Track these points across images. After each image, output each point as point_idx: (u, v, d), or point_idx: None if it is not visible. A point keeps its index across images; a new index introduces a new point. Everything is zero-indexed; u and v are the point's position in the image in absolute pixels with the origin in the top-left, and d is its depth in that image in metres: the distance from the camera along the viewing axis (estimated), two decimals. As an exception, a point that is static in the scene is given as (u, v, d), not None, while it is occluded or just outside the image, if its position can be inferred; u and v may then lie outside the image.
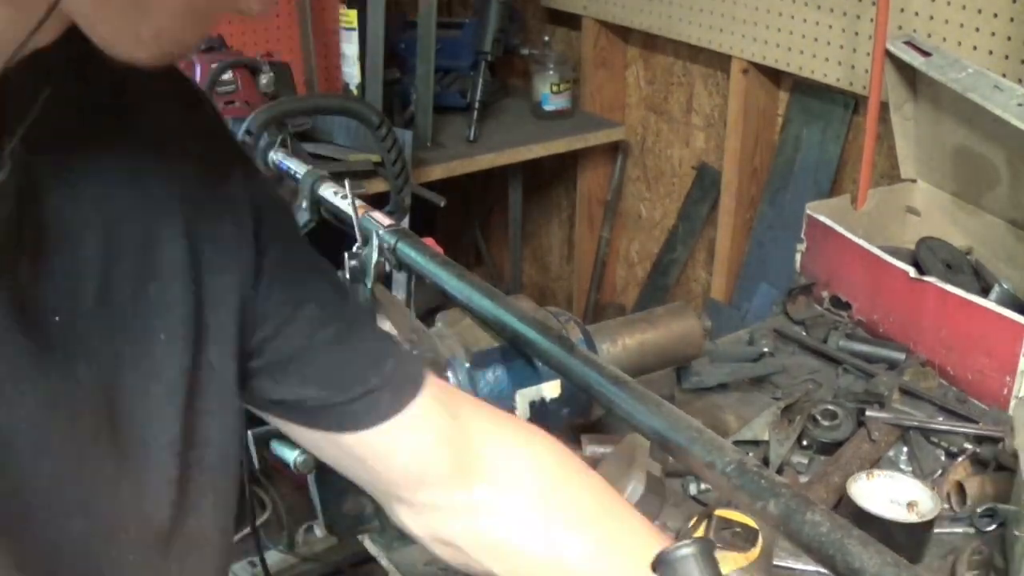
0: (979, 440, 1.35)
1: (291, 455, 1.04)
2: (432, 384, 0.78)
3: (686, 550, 0.72)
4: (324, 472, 1.10)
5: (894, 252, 1.63)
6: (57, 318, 0.57)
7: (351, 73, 2.78)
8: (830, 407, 1.42)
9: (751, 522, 0.98)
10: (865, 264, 1.64)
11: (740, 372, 1.55)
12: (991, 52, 1.84)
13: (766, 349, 1.63)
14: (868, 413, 1.40)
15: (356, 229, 1.03)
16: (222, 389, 0.67)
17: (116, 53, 0.51)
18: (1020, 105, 1.48)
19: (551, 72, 2.96)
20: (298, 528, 2.85)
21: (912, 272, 1.55)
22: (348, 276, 1.02)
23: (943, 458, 1.36)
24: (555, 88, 2.97)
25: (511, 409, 1.12)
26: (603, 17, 2.90)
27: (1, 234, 0.54)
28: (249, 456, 1.10)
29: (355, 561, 2.72)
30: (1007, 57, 1.82)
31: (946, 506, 1.27)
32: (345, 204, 1.49)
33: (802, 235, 1.77)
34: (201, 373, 0.65)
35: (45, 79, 0.54)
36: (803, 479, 1.32)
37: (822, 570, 0.86)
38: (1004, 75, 1.71)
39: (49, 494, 0.57)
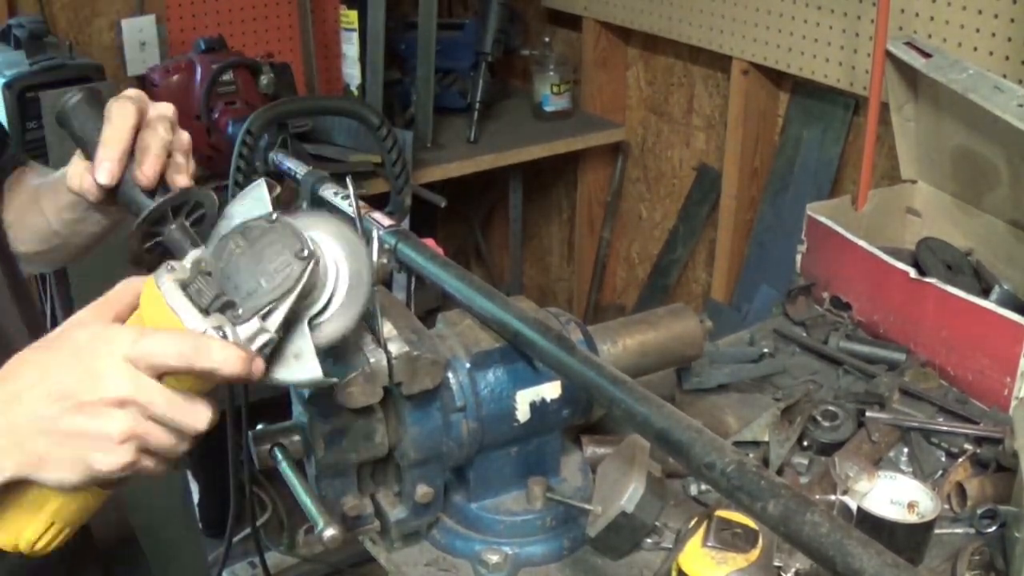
0: (979, 441, 1.35)
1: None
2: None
3: (74, 97, 0.96)
4: (322, 475, 1.10)
5: (894, 253, 1.63)
6: None
7: (351, 74, 2.79)
8: (830, 408, 1.42)
9: (751, 523, 0.98)
10: (865, 265, 1.64)
11: (740, 373, 1.54)
12: (991, 53, 1.84)
13: (766, 350, 1.63)
14: (868, 414, 1.40)
15: (359, 230, 1.03)
16: None
17: None
18: (1020, 106, 1.48)
19: (551, 73, 2.96)
20: (298, 529, 2.85)
21: (912, 273, 1.55)
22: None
23: (943, 459, 1.36)
24: (555, 89, 2.97)
25: (511, 409, 1.12)
26: (604, 18, 2.90)
27: None
28: (249, 456, 1.10)
29: (355, 561, 2.72)
30: (1007, 58, 1.82)
31: (946, 507, 1.27)
32: (346, 205, 1.49)
33: (802, 236, 1.77)
34: None
35: None
36: (803, 480, 1.32)
37: None
38: (1004, 76, 1.71)
39: None
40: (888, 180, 2.07)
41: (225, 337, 0.78)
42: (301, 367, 0.83)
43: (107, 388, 0.75)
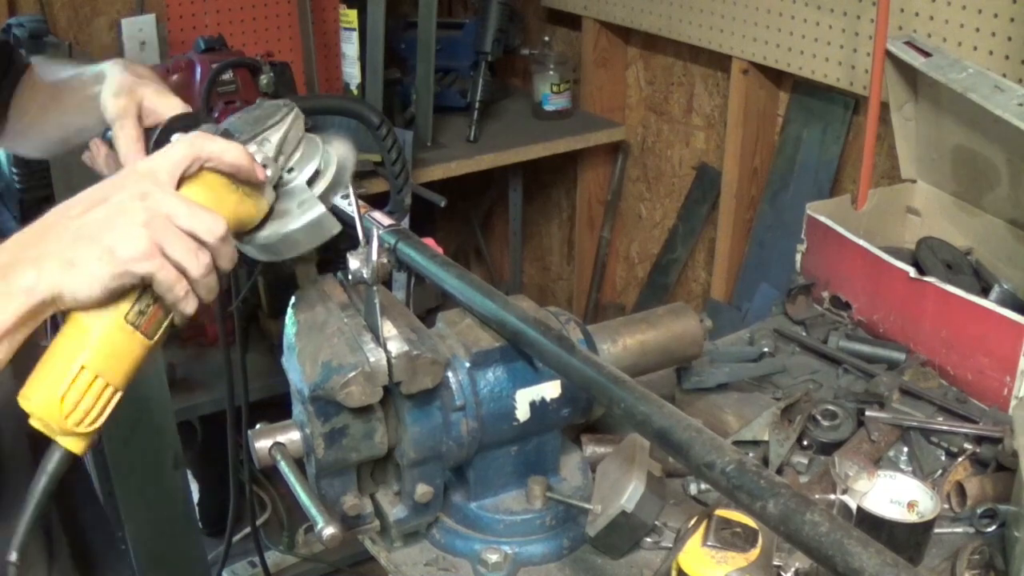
0: (979, 440, 1.35)
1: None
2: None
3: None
4: (322, 474, 1.10)
5: (894, 252, 1.63)
6: None
7: (351, 73, 2.79)
8: (830, 407, 1.42)
9: (751, 522, 0.98)
10: (865, 264, 1.64)
11: (740, 372, 1.55)
12: (991, 52, 1.84)
13: (766, 349, 1.63)
14: (868, 413, 1.40)
15: (359, 229, 1.03)
16: None
17: None
18: (1020, 105, 1.48)
19: (551, 72, 2.96)
20: (298, 528, 2.86)
21: (912, 272, 1.55)
22: (350, 277, 1.02)
23: (943, 458, 1.36)
24: (555, 88, 2.97)
25: (511, 408, 1.12)
26: (603, 17, 2.90)
27: None
28: (249, 455, 1.10)
29: (355, 561, 2.73)
30: (1007, 57, 1.82)
31: (946, 506, 1.27)
32: (346, 204, 1.49)
33: (802, 235, 1.77)
34: None
35: None
36: (803, 479, 1.32)
37: None
38: (1004, 75, 1.71)
39: None
40: (888, 180, 2.07)
41: None
42: (306, 210, 0.95)
43: (127, 188, 0.84)
